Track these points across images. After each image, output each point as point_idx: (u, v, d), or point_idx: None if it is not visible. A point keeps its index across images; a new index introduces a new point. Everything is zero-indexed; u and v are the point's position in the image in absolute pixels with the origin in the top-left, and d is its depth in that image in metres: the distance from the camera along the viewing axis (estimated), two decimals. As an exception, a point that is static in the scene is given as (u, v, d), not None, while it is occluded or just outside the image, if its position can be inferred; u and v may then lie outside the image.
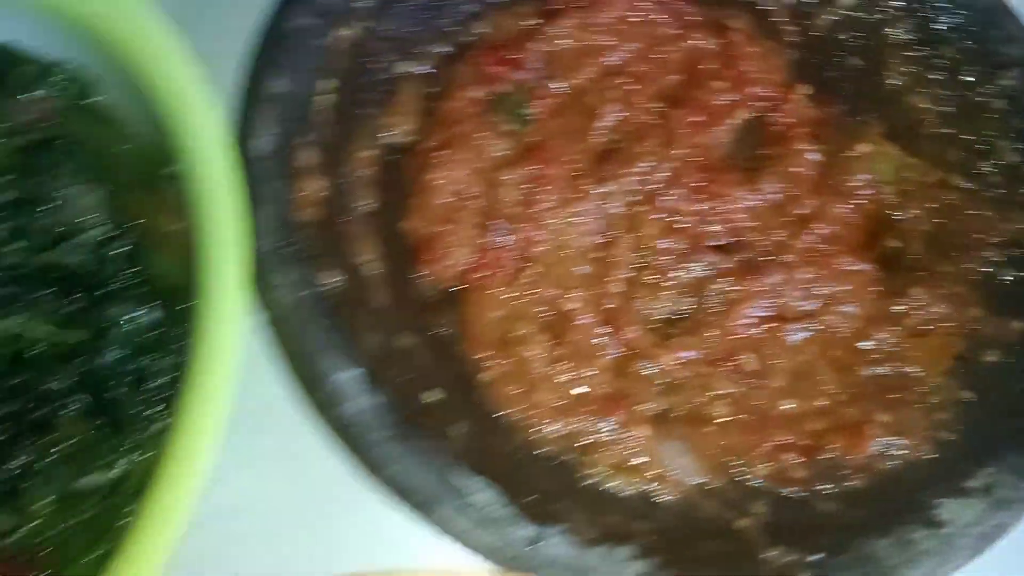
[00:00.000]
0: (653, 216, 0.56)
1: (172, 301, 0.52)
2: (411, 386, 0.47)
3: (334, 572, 0.44)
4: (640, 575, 0.43)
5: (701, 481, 0.50)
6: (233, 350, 0.46)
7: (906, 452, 0.51)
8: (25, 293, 0.49)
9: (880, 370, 0.54)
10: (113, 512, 0.49)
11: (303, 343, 0.45)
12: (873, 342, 0.54)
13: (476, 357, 0.52)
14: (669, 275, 0.55)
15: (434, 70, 0.58)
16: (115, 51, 0.52)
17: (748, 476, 0.50)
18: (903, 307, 0.55)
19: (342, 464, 0.45)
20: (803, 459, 0.51)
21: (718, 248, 0.56)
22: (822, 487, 0.49)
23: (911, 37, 0.60)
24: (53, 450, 0.48)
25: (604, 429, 0.50)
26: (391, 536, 0.45)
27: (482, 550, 0.43)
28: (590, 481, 0.48)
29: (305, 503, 0.46)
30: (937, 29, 0.59)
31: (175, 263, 0.55)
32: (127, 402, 0.49)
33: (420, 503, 0.43)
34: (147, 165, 0.55)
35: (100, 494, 0.49)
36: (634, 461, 0.49)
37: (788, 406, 0.53)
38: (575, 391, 0.51)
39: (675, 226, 0.56)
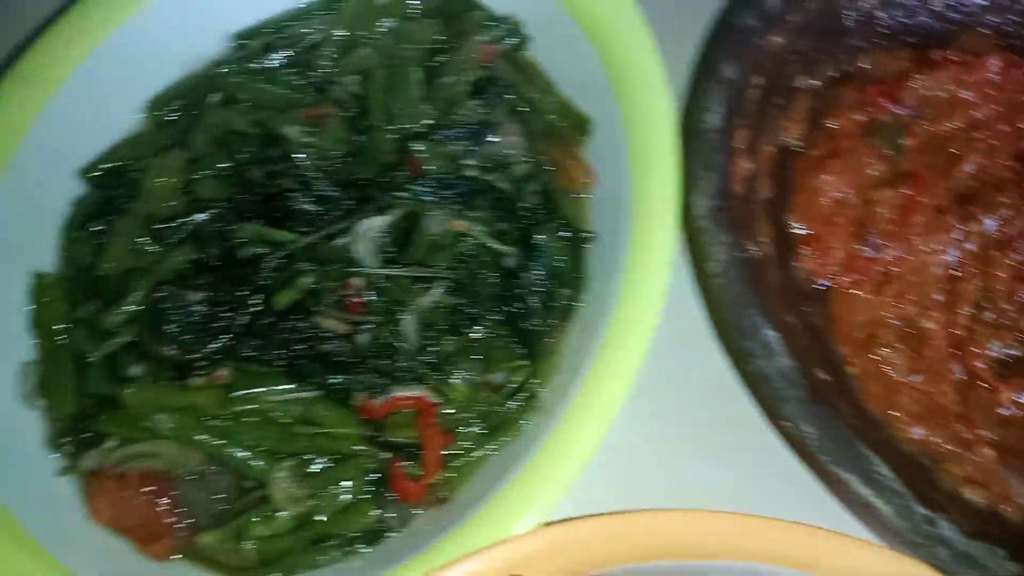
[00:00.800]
0: (1006, 262, 0.60)
1: (574, 241, 0.59)
2: (806, 360, 0.52)
3: (712, 508, 0.49)
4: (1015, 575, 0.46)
5: (1036, 510, 0.53)
6: (661, 290, 0.52)
7: None
8: (475, 203, 0.55)
9: None
10: (505, 412, 0.54)
11: (736, 298, 0.50)
12: None
13: (842, 352, 0.57)
14: (1010, 319, 0.59)
15: (822, 89, 0.64)
16: (575, 15, 0.59)
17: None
18: None
19: (743, 413, 0.50)
20: None
21: (1060, 306, 0.60)
22: None
23: None
24: (471, 345, 0.55)
25: (954, 443, 0.54)
26: (775, 485, 0.49)
27: (874, 519, 0.47)
28: (948, 484, 0.52)
29: (702, 442, 0.51)
30: None
31: (575, 210, 0.61)
32: (535, 318, 0.55)
33: (829, 463, 0.47)
34: (563, 120, 0.62)
35: (501, 392, 0.55)
36: (981, 478, 0.53)
37: (1118, 462, 0.56)
38: (929, 403, 0.56)
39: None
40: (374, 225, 0.51)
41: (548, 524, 0.47)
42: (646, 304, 0.52)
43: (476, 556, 0.46)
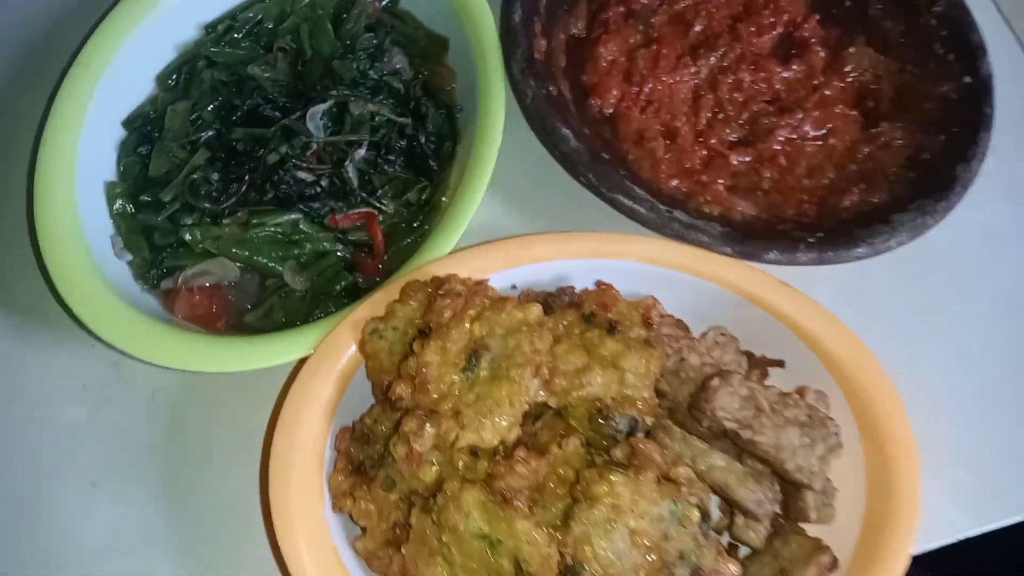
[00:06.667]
0: (727, 81, 0.94)
1: (449, 113, 0.91)
2: (591, 147, 0.85)
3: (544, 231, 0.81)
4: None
5: (753, 214, 0.86)
6: (500, 123, 0.85)
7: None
8: (379, 96, 0.87)
9: (862, 166, 0.90)
10: (418, 216, 0.86)
11: (545, 116, 0.83)
12: (859, 152, 0.91)
13: (625, 148, 0.90)
14: (734, 114, 0.93)
15: (595, -6, 0.98)
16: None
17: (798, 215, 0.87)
18: (876, 132, 0.92)
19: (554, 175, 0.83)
20: (816, 208, 0.87)
21: (765, 101, 0.94)
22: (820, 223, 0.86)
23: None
24: (392, 180, 0.87)
25: (699, 186, 0.87)
26: (580, 211, 0.83)
27: (636, 217, 0.80)
28: (694, 205, 0.85)
29: (531, 193, 0.84)
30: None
31: (449, 97, 0.94)
32: (429, 159, 0.87)
33: (605, 190, 0.80)
34: (432, 45, 0.95)
35: (414, 207, 0.86)
36: (716, 200, 0.86)
37: (806, 183, 0.90)
38: (681, 167, 0.89)
39: (741, 86, 0.94)
40: (318, 110, 0.83)
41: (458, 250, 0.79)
42: (495, 126, 0.84)
43: (410, 274, 0.77)
